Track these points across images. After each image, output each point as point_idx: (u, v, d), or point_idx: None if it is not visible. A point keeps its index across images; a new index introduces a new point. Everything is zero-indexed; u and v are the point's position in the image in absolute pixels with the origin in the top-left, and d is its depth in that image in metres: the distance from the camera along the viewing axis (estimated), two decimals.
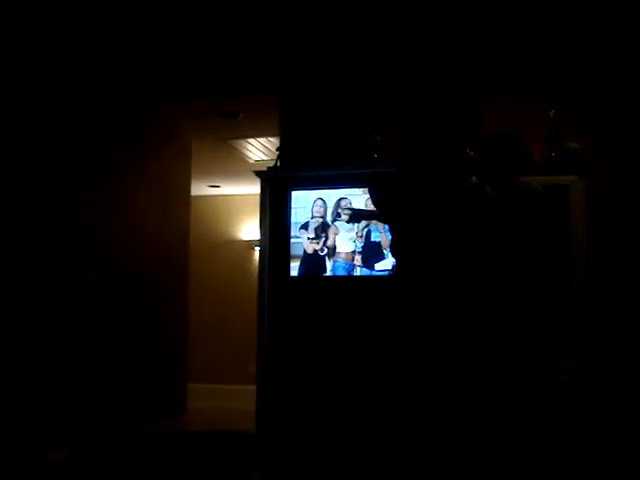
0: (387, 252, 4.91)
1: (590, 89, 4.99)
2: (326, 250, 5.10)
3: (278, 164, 5.51)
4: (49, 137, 5.01)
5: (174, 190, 6.85)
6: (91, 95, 5.50)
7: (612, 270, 4.81)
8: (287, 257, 5.19)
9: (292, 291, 5.19)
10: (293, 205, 5.19)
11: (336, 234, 5.07)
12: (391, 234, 3.20)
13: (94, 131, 5.50)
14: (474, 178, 3.31)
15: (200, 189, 8.42)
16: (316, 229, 5.13)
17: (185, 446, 2.94)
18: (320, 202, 5.13)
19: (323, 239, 5.10)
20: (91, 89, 5.50)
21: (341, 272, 5.06)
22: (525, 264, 3.37)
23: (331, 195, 5.12)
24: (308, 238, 5.13)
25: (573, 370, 4.39)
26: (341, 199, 5.08)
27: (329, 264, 5.09)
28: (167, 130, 6.63)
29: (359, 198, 5.02)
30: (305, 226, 5.15)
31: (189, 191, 7.20)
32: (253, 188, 6.10)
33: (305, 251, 5.14)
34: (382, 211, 3.26)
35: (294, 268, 5.17)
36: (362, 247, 5.02)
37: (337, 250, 5.07)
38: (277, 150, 5.62)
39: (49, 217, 4.55)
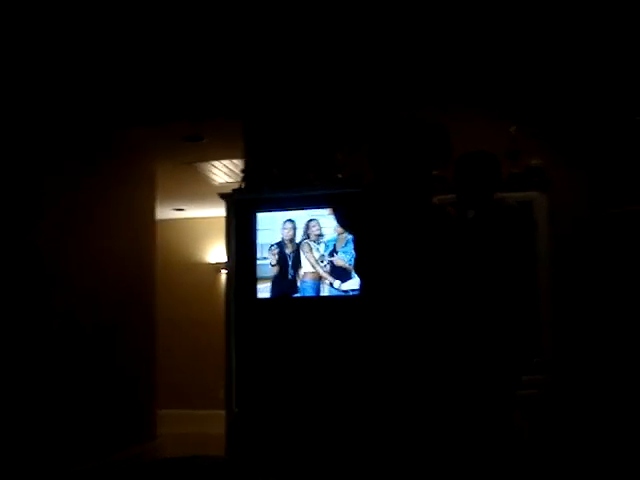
0: (352, 271, 4.92)
1: (549, 105, 5.07)
2: (292, 272, 5.10)
3: (243, 186, 5.50)
4: (12, 159, 4.95)
5: (139, 214, 6.80)
6: (54, 119, 5.46)
7: (577, 283, 4.87)
8: (254, 279, 5.18)
9: (259, 313, 5.18)
10: (259, 227, 5.19)
11: (306, 254, 5.08)
12: (355, 253, 3.20)
13: (56, 155, 5.45)
14: (436, 200, 3.33)
15: (165, 213, 8.37)
16: (278, 252, 5.14)
17: (154, 474, 2.90)
18: (289, 224, 5.13)
19: (287, 261, 5.12)
20: (54, 113, 5.47)
21: (310, 292, 5.06)
22: (497, 280, 3.39)
23: (297, 216, 5.13)
24: (271, 265, 5.14)
25: (540, 384, 4.42)
26: (310, 220, 5.09)
27: (299, 284, 5.09)
28: (131, 154, 6.59)
29: (326, 218, 5.03)
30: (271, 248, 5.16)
31: (154, 215, 7.16)
32: (218, 210, 6.09)
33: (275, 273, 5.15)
34: (346, 231, 3.27)
35: (264, 289, 5.16)
36: (330, 267, 5.03)
37: (304, 270, 5.08)
38: (242, 172, 5.62)
39: (9, 241, 4.48)
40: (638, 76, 4.83)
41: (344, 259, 4.98)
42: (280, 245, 5.14)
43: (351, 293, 4.93)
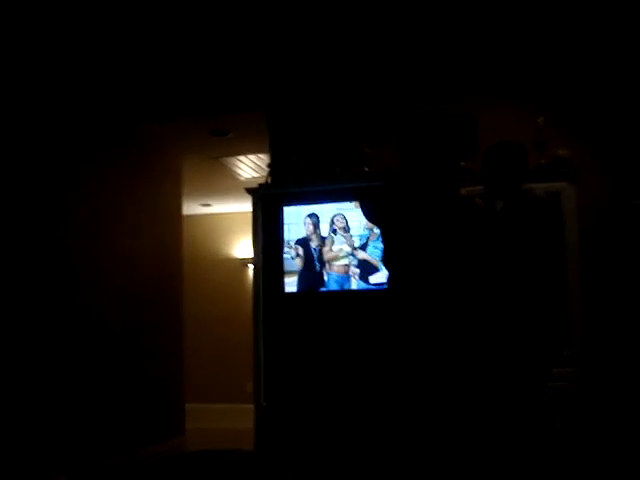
0: (380, 264, 4.92)
1: (577, 95, 5.02)
2: (318, 265, 5.10)
3: (269, 181, 5.51)
4: (39, 158, 4.99)
5: (165, 209, 6.83)
6: (82, 115, 5.50)
7: (605, 274, 4.82)
8: (281, 273, 5.19)
9: (287, 307, 5.19)
10: (285, 221, 5.19)
11: (331, 248, 5.08)
12: (383, 245, 3.19)
13: (84, 151, 5.49)
14: (465, 191, 3.31)
15: (192, 208, 8.41)
16: (304, 246, 5.14)
17: (184, 467, 2.92)
18: (315, 218, 5.13)
19: (313, 254, 5.12)
20: (82, 109, 5.51)
21: (334, 286, 5.06)
22: (527, 272, 3.37)
23: (323, 210, 5.13)
24: (294, 256, 5.15)
25: (570, 376, 4.38)
26: (336, 215, 5.09)
27: (325, 278, 5.09)
28: (157, 149, 6.62)
29: (353, 211, 5.03)
30: (299, 242, 5.16)
31: (180, 210, 7.19)
32: (245, 206, 6.10)
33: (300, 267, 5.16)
34: (373, 224, 3.26)
35: (291, 284, 5.17)
36: (357, 261, 5.03)
37: (332, 263, 5.08)
38: (268, 167, 5.63)
39: (39, 237, 4.53)
40: None
41: (370, 253, 4.97)
42: (305, 239, 5.14)
43: (378, 287, 4.93)
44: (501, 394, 3.26)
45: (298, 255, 5.15)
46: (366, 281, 5.00)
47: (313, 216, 5.13)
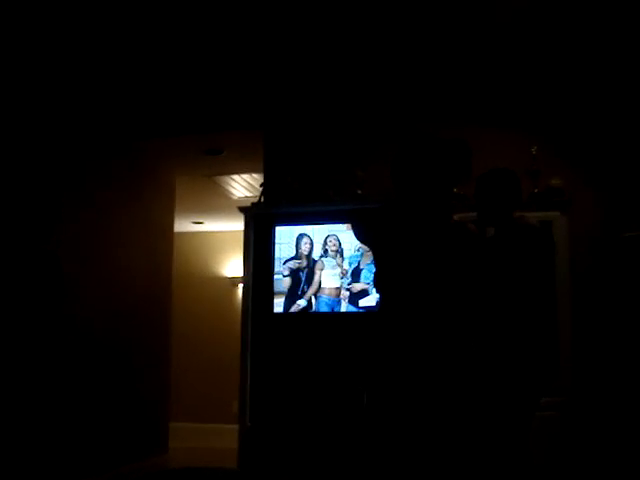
0: (371, 288, 4.91)
1: (571, 124, 5.06)
2: (306, 288, 5.10)
3: (262, 200, 5.51)
4: (32, 169, 4.98)
5: (157, 226, 6.82)
6: (76, 129, 5.50)
7: (595, 304, 4.83)
8: (271, 293, 5.17)
9: (275, 328, 5.17)
10: (277, 241, 5.19)
11: (322, 270, 5.07)
12: (375, 268, 3.19)
13: (76, 167, 5.48)
14: (457, 217, 3.32)
15: (184, 225, 8.40)
16: (292, 267, 5.14)
17: None
18: (307, 239, 5.13)
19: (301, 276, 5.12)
20: (76, 123, 5.50)
21: (324, 308, 5.05)
22: (517, 298, 3.37)
23: (315, 231, 5.13)
24: (283, 275, 5.14)
25: (559, 406, 4.37)
26: (328, 236, 5.09)
27: (313, 300, 5.07)
28: (150, 166, 6.62)
29: (345, 233, 5.03)
30: (288, 262, 5.16)
31: (172, 227, 7.18)
32: (237, 224, 6.10)
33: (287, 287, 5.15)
34: (365, 245, 3.27)
35: (278, 304, 5.15)
36: (349, 284, 5.02)
37: (322, 286, 5.07)
38: (261, 186, 5.63)
39: (29, 246, 4.51)
40: None
41: (364, 278, 4.97)
42: (295, 259, 5.14)
43: (368, 310, 4.92)
44: (488, 420, 3.25)
45: (287, 275, 5.14)
46: (355, 304, 4.99)
47: (308, 237, 5.13)
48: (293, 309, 5.11)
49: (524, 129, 5.11)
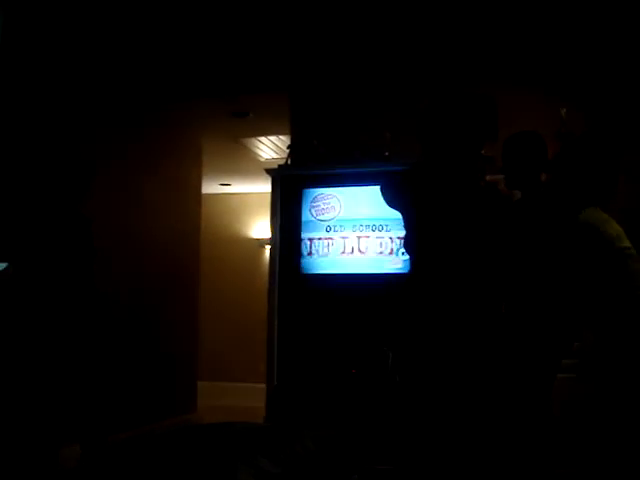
0: (400, 249, 4.92)
1: (600, 86, 4.98)
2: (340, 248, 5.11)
3: (289, 162, 5.52)
4: (63, 137, 5.03)
5: (186, 188, 6.86)
6: (104, 96, 5.52)
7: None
8: (298, 255, 5.20)
9: (302, 288, 5.20)
10: (304, 202, 5.20)
11: (349, 231, 5.08)
12: (405, 230, 3.20)
13: (107, 130, 5.51)
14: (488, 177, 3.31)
15: (211, 187, 8.43)
16: (326, 228, 5.14)
17: (194, 438, 2.96)
18: (334, 201, 5.13)
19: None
20: (104, 90, 5.52)
21: (352, 270, 5.07)
22: (542, 262, 3.36)
23: (343, 193, 5.13)
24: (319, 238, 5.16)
25: (578, 368, 4.36)
26: (355, 197, 5.10)
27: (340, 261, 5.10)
28: (178, 129, 6.64)
29: (373, 195, 5.02)
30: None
31: (200, 189, 7.22)
32: (264, 186, 6.12)
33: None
34: (394, 209, 3.26)
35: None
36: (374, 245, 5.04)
37: (348, 248, 5.09)
38: (288, 148, 5.63)
39: (61, 208, 4.57)
40: None
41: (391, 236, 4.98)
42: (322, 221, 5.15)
43: (397, 271, 4.93)
44: (512, 382, 3.27)
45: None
46: (384, 265, 5.00)
47: (336, 198, 5.13)
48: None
49: (554, 91, 5.04)
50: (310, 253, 5.18)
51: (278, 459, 2.67)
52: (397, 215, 3.24)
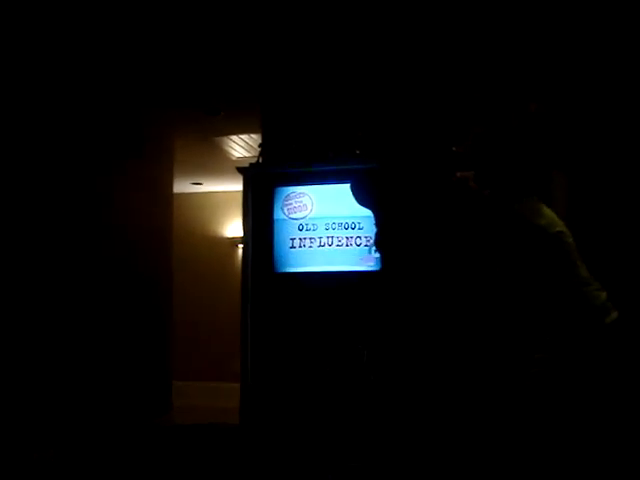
0: (372, 247, 4.91)
1: (571, 82, 5.01)
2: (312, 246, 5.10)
3: (260, 160, 5.50)
4: (29, 137, 4.98)
5: (156, 188, 6.82)
6: (71, 95, 5.46)
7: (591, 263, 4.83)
8: (270, 253, 5.18)
9: (275, 287, 5.19)
10: (276, 201, 5.19)
11: (321, 229, 5.08)
12: (376, 228, 3.21)
13: (74, 129, 5.46)
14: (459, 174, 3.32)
15: (183, 187, 8.40)
16: (299, 226, 5.13)
17: (172, 438, 2.95)
18: (305, 199, 5.12)
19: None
20: (72, 90, 5.47)
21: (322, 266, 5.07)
22: (516, 258, 3.38)
23: (314, 191, 5.12)
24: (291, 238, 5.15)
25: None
26: (326, 195, 5.09)
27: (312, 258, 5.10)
28: (148, 128, 6.60)
29: (344, 194, 5.01)
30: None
31: (172, 189, 7.18)
32: (236, 185, 6.09)
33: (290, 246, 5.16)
34: (364, 207, 3.27)
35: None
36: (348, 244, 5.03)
37: (317, 244, 5.08)
38: (259, 146, 5.62)
39: (28, 214, 4.54)
40: None
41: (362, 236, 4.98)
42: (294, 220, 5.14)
43: (370, 269, 4.93)
44: (483, 374, 3.29)
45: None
46: (356, 263, 5.00)
47: (307, 196, 5.12)
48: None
49: (522, 85, 5.06)
50: (283, 251, 5.17)
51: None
52: (369, 213, 3.25)
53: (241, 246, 5.98)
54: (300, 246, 5.14)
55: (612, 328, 3.15)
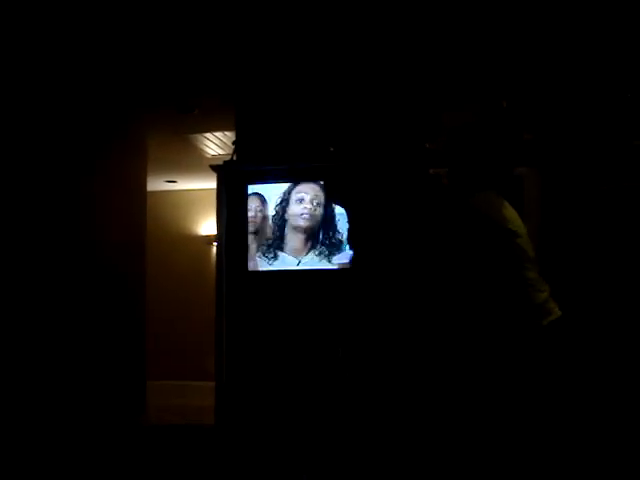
0: (345, 245, 4.92)
1: (542, 79, 5.04)
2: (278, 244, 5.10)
3: (234, 158, 5.48)
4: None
5: (130, 186, 6.77)
6: (40, 92, 5.41)
7: (564, 260, 4.86)
8: (245, 251, 5.17)
9: (250, 285, 5.19)
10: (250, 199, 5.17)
11: (294, 227, 5.07)
12: (349, 225, 3.21)
13: (42, 127, 5.40)
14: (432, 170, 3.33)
15: (157, 184, 8.34)
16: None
17: (148, 439, 2.93)
18: (280, 197, 5.11)
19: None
20: (40, 85, 5.41)
21: (303, 266, 5.06)
22: (467, 251, 3.38)
23: (288, 189, 5.11)
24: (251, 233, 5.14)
25: None
26: (299, 193, 5.08)
27: (286, 257, 5.09)
28: (121, 125, 6.55)
29: (316, 191, 5.01)
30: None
31: (145, 186, 7.13)
32: (210, 183, 6.07)
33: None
34: (337, 205, 3.27)
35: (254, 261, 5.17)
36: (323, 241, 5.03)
37: (292, 243, 5.08)
38: (233, 144, 5.60)
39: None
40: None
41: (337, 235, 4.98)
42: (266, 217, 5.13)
43: (344, 266, 4.93)
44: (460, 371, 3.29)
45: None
46: (329, 261, 5.00)
47: (281, 194, 5.11)
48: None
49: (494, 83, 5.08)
50: (257, 250, 5.16)
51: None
52: (342, 210, 3.25)
53: (215, 244, 5.95)
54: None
55: (549, 329, 3.15)
